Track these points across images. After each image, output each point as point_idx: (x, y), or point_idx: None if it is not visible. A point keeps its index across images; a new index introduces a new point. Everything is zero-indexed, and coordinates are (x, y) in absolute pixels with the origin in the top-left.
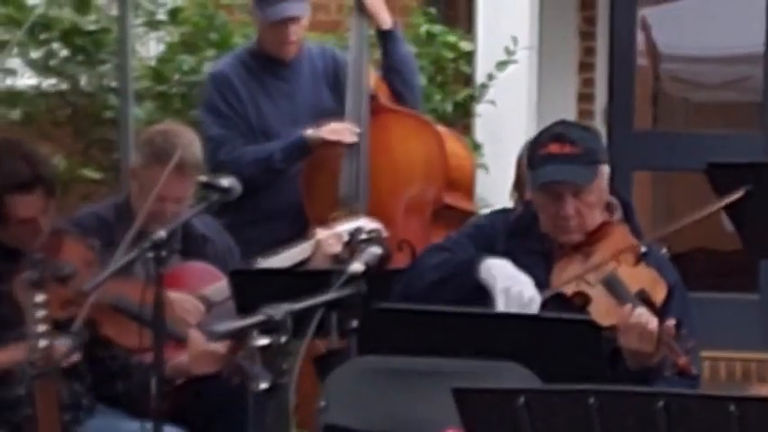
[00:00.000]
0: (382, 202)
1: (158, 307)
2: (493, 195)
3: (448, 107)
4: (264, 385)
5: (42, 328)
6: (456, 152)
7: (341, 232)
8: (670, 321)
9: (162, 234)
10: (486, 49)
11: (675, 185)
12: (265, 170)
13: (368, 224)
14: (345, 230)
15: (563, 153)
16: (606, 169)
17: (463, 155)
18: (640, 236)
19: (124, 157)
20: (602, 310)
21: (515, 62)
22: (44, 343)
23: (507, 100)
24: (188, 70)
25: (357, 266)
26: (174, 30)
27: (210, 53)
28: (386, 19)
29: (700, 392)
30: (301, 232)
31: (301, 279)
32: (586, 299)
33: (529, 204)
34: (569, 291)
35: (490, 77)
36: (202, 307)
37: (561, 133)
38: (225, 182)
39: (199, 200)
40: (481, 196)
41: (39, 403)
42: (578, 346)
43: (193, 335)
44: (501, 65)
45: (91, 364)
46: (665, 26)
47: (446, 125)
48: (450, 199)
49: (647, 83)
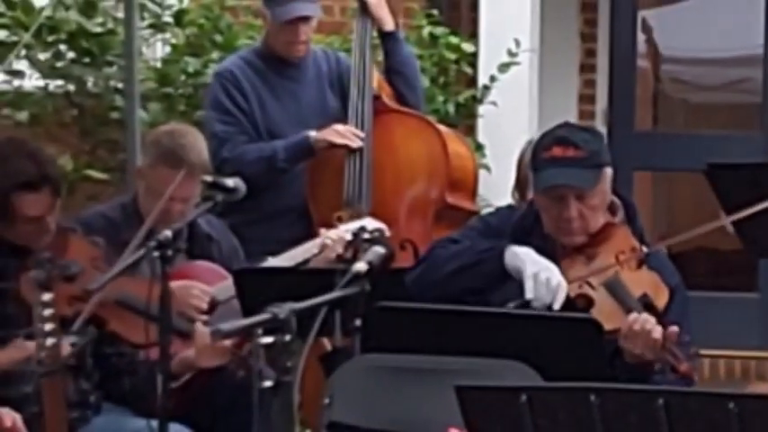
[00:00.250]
0: (385, 202)
1: (164, 306)
2: (495, 195)
3: (450, 108)
4: (269, 383)
5: (49, 327)
6: (458, 152)
7: (345, 234)
8: (673, 328)
9: (168, 234)
10: (488, 51)
11: (676, 186)
12: (268, 169)
13: (371, 224)
14: (349, 230)
15: (566, 156)
16: (609, 171)
17: (465, 155)
18: (643, 236)
19: (130, 158)
20: (604, 314)
21: (517, 64)
22: (51, 341)
23: (509, 101)
24: (193, 72)
25: (361, 266)
26: (180, 32)
27: (215, 55)
28: (388, 21)
29: (700, 390)
30: (305, 232)
31: (305, 278)
32: (589, 301)
33: (532, 204)
34: (572, 293)
35: (492, 79)
36: (209, 290)
37: (565, 136)
38: (230, 182)
39: (204, 199)
40: (484, 196)
41: (46, 401)
42: (580, 345)
43: (200, 328)
44: (503, 66)
45: (98, 362)
46: (666, 28)
47: (449, 126)
48: (452, 199)
49: (648, 84)
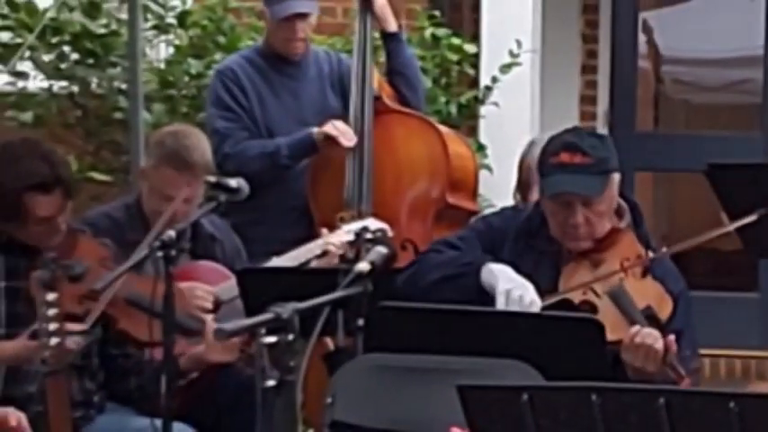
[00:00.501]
0: (386, 202)
1: (168, 305)
2: (497, 196)
3: (453, 109)
4: (272, 382)
5: (53, 326)
6: (458, 152)
7: (347, 236)
8: (671, 337)
9: (171, 234)
10: (490, 52)
11: (676, 186)
12: (270, 165)
13: (374, 224)
14: (351, 231)
15: (574, 163)
16: (617, 177)
17: (466, 155)
18: (649, 240)
19: (134, 159)
20: (608, 324)
21: (519, 65)
22: (55, 341)
23: (511, 102)
24: (196, 74)
25: (363, 266)
26: (183, 33)
27: (218, 56)
28: (392, 22)
29: (700, 390)
30: (307, 232)
31: (308, 278)
32: (593, 309)
33: (538, 205)
34: (576, 299)
35: (494, 80)
36: (212, 290)
37: (573, 142)
38: (233, 182)
39: (207, 200)
40: (485, 197)
41: (50, 400)
42: (582, 345)
43: (210, 323)
44: (505, 67)
45: (104, 362)
46: (667, 29)
47: (451, 127)
48: (453, 199)
49: (649, 85)
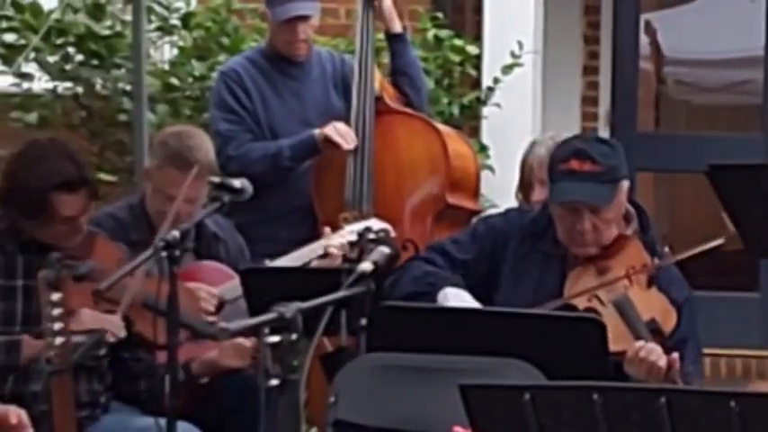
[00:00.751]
0: (387, 202)
1: (172, 304)
2: (499, 196)
3: (455, 110)
4: (275, 382)
5: (58, 326)
6: (459, 152)
7: (349, 236)
8: (674, 355)
9: (175, 234)
10: (492, 54)
11: (677, 187)
12: (273, 167)
13: (377, 224)
14: (354, 231)
15: (583, 170)
16: (626, 184)
17: (466, 154)
18: (655, 246)
19: (138, 160)
20: (612, 334)
21: (521, 66)
22: (60, 340)
23: (513, 103)
24: (199, 76)
25: (366, 265)
26: (187, 35)
27: (222, 58)
28: (397, 23)
29: (701, 389)
30: (310, 232)
31: (311, 278)
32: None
33: (546, 207)
34: (581, 305)
35: (496, 81)
36: (215, 291)
37: (582, 149)
38: (237, 183)
39: (211, 200)
40: (487, 197)
41: (55, 399)
42: (584, 344)
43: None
44: (507, 68)
45: (113, 364)
46: (668, 30)
47: (453, 127)
48: (453, 199)
49: (650, 86)
